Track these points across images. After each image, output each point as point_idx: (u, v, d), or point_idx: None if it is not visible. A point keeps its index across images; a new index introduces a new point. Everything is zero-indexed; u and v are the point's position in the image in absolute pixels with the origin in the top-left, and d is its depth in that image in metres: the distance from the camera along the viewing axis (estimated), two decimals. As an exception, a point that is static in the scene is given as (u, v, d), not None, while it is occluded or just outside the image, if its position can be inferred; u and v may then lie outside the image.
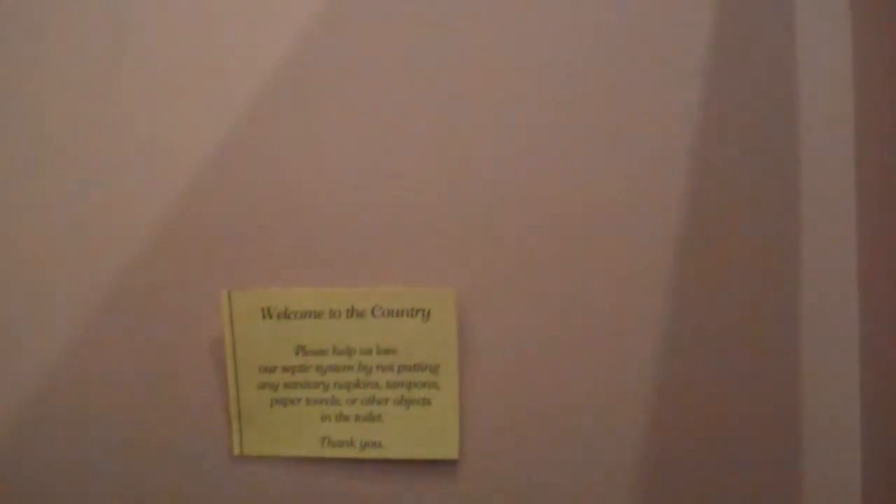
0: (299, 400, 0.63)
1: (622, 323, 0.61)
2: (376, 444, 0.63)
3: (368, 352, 0.63)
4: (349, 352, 0.63)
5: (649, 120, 0.60)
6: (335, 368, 0.63)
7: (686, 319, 0.61)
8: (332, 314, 0.63)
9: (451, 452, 0.62)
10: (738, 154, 0.60)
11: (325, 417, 0.63)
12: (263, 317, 0.63)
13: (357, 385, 0.63)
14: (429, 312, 0.62)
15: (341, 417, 0.63)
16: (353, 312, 0.62)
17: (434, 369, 0.62)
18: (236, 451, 0.64)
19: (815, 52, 0.59)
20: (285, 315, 0.63)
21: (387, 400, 0.63)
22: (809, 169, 0.59)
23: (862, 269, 0.58)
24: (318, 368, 0.63)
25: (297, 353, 0.63)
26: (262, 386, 0.63)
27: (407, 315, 0.62)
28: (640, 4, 0.61)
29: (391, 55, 0.62)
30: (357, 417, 0.63)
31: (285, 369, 0.63)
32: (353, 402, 0.63)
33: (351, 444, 0.63)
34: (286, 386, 0.63)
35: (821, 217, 0.59)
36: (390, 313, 0.62)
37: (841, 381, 0.59)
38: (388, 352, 0.62)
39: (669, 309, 0.61)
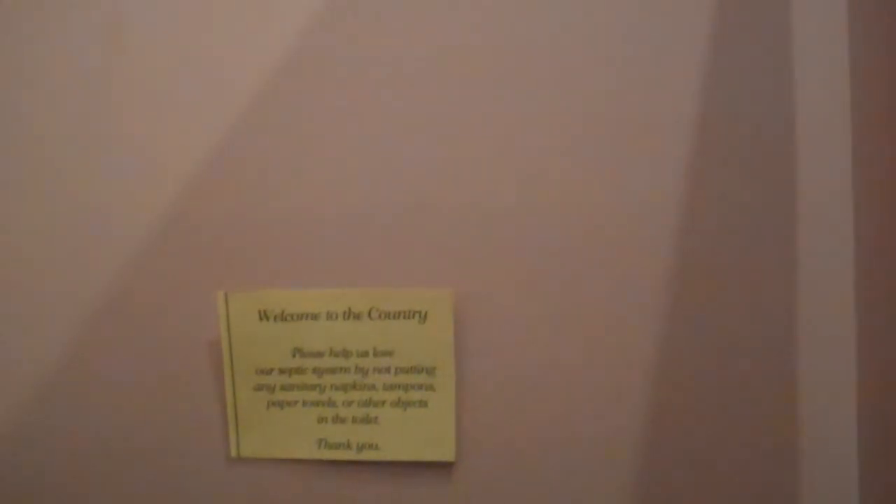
0: (296, 402, 0.63)
1: (619, 325, 0.61)
2: (373, 447, 0.63)
3: (365, 354, 0.62)
4: (346, 354, 0.63)
5: (646, 123, 0.60)
6: (332, 370, 0.63)
7: (684, 322, 0.60)
8: (329, 316, 0.62)
9: (448, 454, 0.62)
10: (734, 157, 0.60)
11: (321, 419, 0.63)
12: (260, 318, 0.63)
13: (354, 387, 0.63)
14: (426, 314, 0.62)
15: (338, 419, 0.63)
16: (349, 314, 0.62)
17: (431, 371, 0.62)
18: (233, 453, 0.64)
19: (812, 54, 0.59)
20: (282, 317, 0.63)
21: (383, 402, 0.63)
22: (806, 171, 0.59)
23: (859, 270, 0.58)
24: (315, 370, 0.63)
25: (293, 355, 0.63)
26: (259, 388, 0.63)
27: (404, 317, 0.62)
28: (638, 11, 0.60)
29: (386, 58, 0.62)
30: (354, 419, 0.63)
31: (282, 371, 0.63)
32: (350, 404, 0.63)
33: (348, 446, 0.63)
34: (283, 388, 0.63)
35: (818, 219, 0.59)
36: (387, 315, 0.62)
37: (838, 382, 0.59)
38: (384, 354, 0.62)
39: (667, 311, 0.60)
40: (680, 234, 0.60)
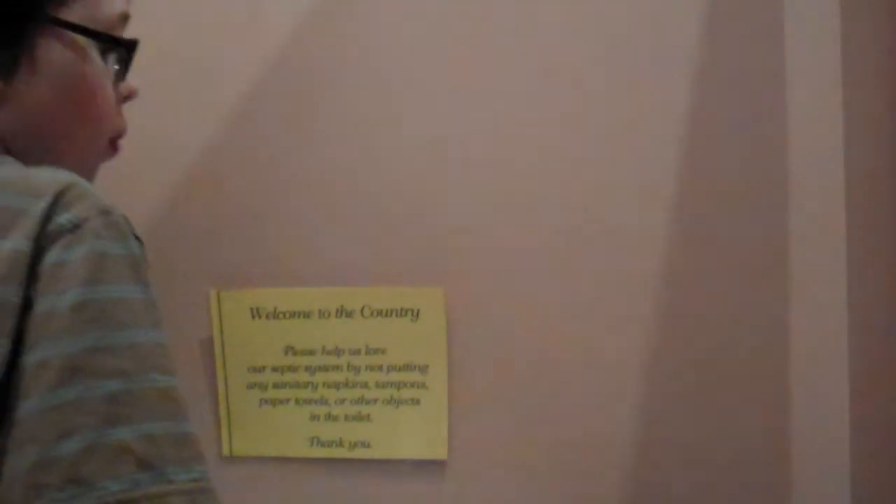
0: (288, 400, 0.63)
1: (612, 324, 0.61)
2: (365, 444, 0.63)
3: (357, 352, 0.62)
4: (338, 352, 0.62)
5: (640, 124, 0.60)
6: (324, 368, 0.63)
7: (677, 321, 0.60)
8: (321, 314, 0.62)
9: (440, 452, 0.62)
10: (728, 156, 0.60)
11: (313, 417, 0.63)
12: (252, 317, 0.63)
13: (346, 385, 0.63)
14: (418, 312, 0.62)
15: (330, 417, 0.63)
16: (342, 312, 0.62)
17: (423, 369, 0.62)
18: (225, 451, 0.64)
19: (806, 53, 0.59)
20: (274, 315, 0.63)
21: (376, 400, 0.62)
22: (799, 171, 0.59)
23: (851, 270, 0.58)
24: (307, 368, 0.63)
25: (285, 354, 0.63)
26: (251, 386, 0.63)
27: (396, 315, 0.62)
28: (633, 11, 0.60)
29: (383, 57, 0.62)
30: (346, 417, 0.63)
31: (274, 369, 0.63)
32: (342, 402, 0.63)
33: (340, 444, 0.63)
34: (275, 386, 0.63)
35: (811, 219, 0.59)
36: (379, 313, 0.62)
37: (831, 383, 0.59)
38: (376, 352, 0.62)
39: (660, 310, 0.60)
40: (674, 233, 0.60)
